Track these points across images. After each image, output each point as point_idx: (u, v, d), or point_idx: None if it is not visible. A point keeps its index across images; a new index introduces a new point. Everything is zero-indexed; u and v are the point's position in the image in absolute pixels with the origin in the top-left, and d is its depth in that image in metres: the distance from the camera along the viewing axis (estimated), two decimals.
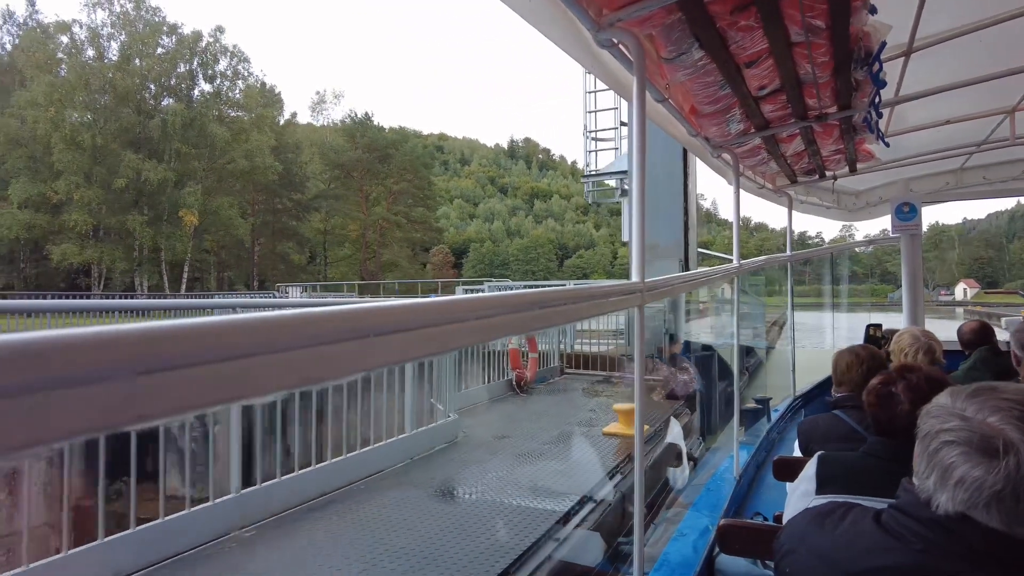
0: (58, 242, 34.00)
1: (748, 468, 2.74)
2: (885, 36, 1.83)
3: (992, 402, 0.86)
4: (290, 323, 0.42)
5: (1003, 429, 0.83)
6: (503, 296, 0.70)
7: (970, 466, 0.83)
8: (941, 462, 0.88)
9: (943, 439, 0.88)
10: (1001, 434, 0.82)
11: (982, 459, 0.83)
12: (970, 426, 0.86)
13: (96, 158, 34.64)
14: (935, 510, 0.87)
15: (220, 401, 0.37)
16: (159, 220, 36.79)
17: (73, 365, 0.30)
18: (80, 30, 37.46)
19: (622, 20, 1.31)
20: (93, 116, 35.61)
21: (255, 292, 33.29)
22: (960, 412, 0.88)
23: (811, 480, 1.68)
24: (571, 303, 0.92)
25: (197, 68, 40.61)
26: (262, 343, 0.40)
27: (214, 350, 0.37)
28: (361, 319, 0.47)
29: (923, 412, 0.95)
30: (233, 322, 0.38)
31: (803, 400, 4.04)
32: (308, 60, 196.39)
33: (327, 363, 0.44)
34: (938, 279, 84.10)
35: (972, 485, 0.83)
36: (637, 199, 1.34)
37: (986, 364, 3.16)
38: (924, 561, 0.86)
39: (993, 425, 0.84)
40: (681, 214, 9.87)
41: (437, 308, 0.57)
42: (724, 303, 10.49)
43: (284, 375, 0.41)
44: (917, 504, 0.90)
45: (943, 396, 0.94)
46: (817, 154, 3.05)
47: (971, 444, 0.84)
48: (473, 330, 0.61)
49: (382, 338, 0.49)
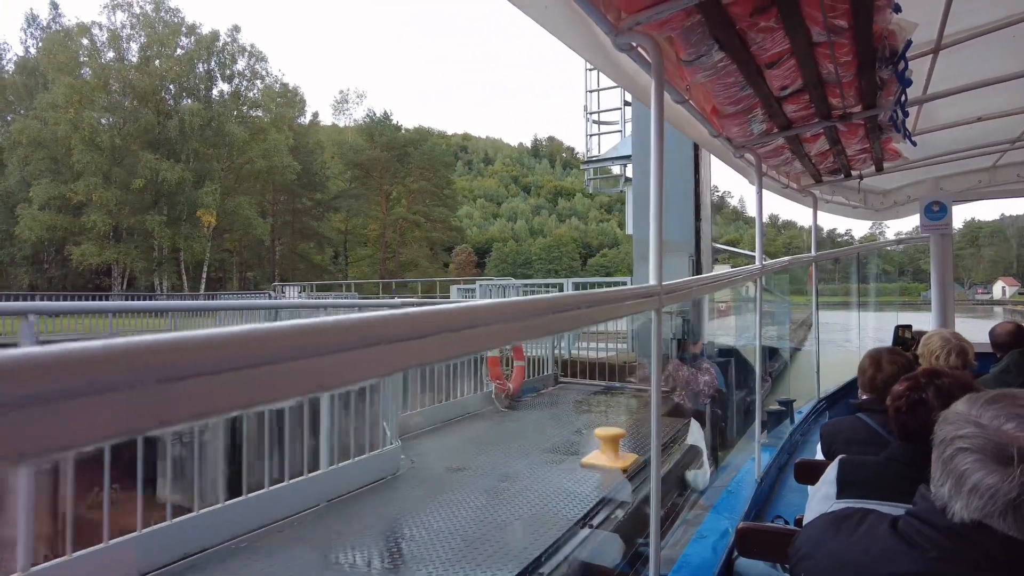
0: (78, 243, 34.44)
1: (770, 470, 2.71)
2: (911, 34, 1.80)
3: (1009, 409, 0.85)
4: (305, 332, 0.43)
5: (1018, 436, 0.82)
6: (516, 302, 0.72)
7: (984, 473, 0.83)
8: (955, 469, 0.87)
9: (958, 446, 0.87)
10: (1016, 441, 0.81)
11: (996, 467, 0.82)
12: (985, 433, 0.85)
13: (115, 159, 34.93)
14: (951, 518, 0.86)
15: (237, 407, 0.39)
16: (178, 220, 37.04)
17: (99, 374, 0.32)
18: (100, 32, 37.94)
19: (641, 23, 1.31)
20: (112, 117, 35.91)
21: (252, 292, 32.81)
22: (976, 419, 0.87)
23: (832, 484, 1.66)
24: (586, 307, 0.92)
25: (215, 68, 40.88)
26: (277, 352, 0.41)
27: (231, 359, 0.39)
28: (375, 327, 0.49)
29: (940, 418, 0.94)
30: (249, 332, 0.40)
31: (827, 402, 3.98)
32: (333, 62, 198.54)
33: (342, 370, 0.46)
34: (975, 277, 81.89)
35: (986, 493, 0.82)
36: (655, 200, 1.34)
37: (1019, 367, 3.09)
38: (939, 569, 0.86)
39: (1009, 433, 0.83)
40: (692, 207, 8.99)
41: (450, 315, 0.58)
42: (747, 302, 10.12)
43: (299, 382, 0.43)
44: (933, 511, 0.89)
45: (961, 402, 0.93)
46: (842, 153, 3.00)
47: (985, 451, 0.84)
48: (488, 336, 0.62)
49: (396, 344, 0.50)
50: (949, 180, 4.49)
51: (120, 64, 37.60)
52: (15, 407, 0.28)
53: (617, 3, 1.28)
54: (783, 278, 12.06)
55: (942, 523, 0.87)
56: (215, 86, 41.26)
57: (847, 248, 20.25)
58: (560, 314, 0.83)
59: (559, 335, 9.30)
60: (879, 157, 3.26)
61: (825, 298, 27.83)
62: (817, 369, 4.11)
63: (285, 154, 41.16)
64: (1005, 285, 72.67)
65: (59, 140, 33.80)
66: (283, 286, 22.32)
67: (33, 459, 0.29)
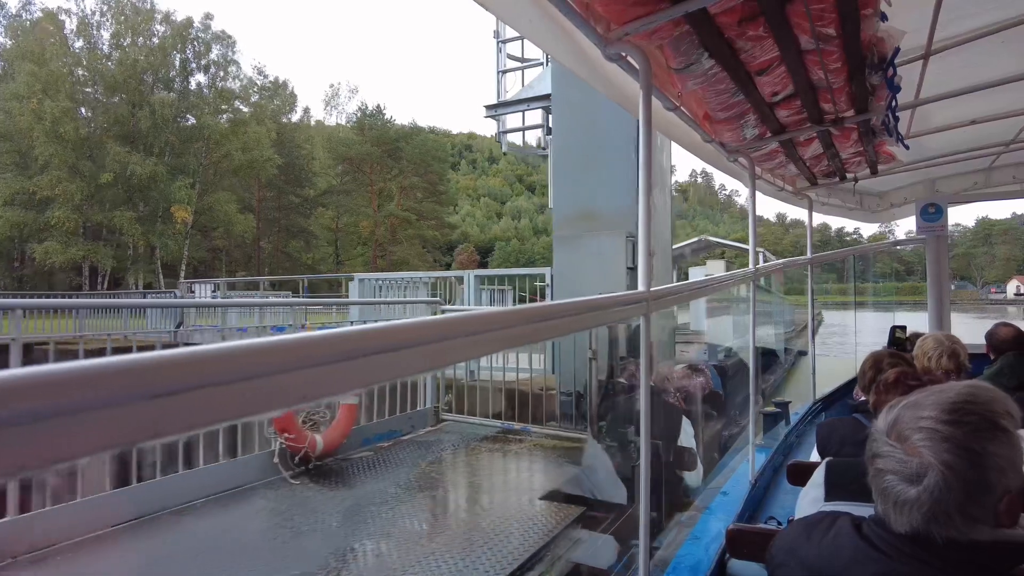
0: (43, 240, 32.96)
1: (765, 472, 2.74)
2: (899, 42, 1.83)
3: (912, 422, 0.90)
4: (290, 347, 0.46)
5: (920, 451, 0.87)
6: (499, 312, 0.74)
7: (902, 489, 0.88)
8: (879, 487, 0.92)
9: (877, 465, 0.93)
10: (918, 456, 0.87)
11: (909, 485, 0.87)
12: (895, 452, 0.90)
13: (82, 152, 33.48)
14: (894, 528, 0.91)
15: (226, 418, 0.42)
16: (152, 217, 35.56)
17: (96, 390, 0.35)
18: (69, 19, 36.60)
19: (629, 34, 1.34)
20: (80, 108, 34.41)
21: (157, 292, 30.63)
22: (886, 434, 0.93)
23: (820, 487, 1.69)
24: (572, 315, 0.95)
25: (191, 57, 39.45)
26: (266, 365, 0.44)
27: (221, 374, 0.41)
28: (357, 340, 0.51)
29: (869, 434, 0.98)
30: (240, 347, 0.43)
31: (823, 404, 4.01)
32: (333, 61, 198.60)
33: (325, 382, 0.49)
34: (987, 276, 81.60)
35: (908, 507, 0.87)
36: (643, 205, 1.37)
37: (1012, 370, 3.10)
38: (900, 571, 0.89)
39: (914, 447, 0.88)
40: (632, 172, 6.41)
41: (430, 327, 0.61)
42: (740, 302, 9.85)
43: (285, 394, 0.46)
44: (924, 535, 0.92)
45: (881, 415, 0.97)
46: (836, 157, 3.03)
47: (897, 471, 0.89)
48: (467, 346, 0.64)
49: (378, 357, 0.53)
50: (944, 182, 4.51)
51: (91, 52, 36.23)
52: (20, 422, 0.31)
53: (605, 15, 1.30)
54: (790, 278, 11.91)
55: (899, 529, 0.91)
56: (192, 76, 39.84)
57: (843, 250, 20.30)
58: (546, 323, 0.86)
59: None
60: (873, 160, 3.28)
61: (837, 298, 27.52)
62: (813, 371, 4.14)
63: (266, 147, 39.69)
64: (1020, 284, 72.19)
65: (22, 132, 32.29)
66: (192, 283, 20.05)
67: (33, 471, 0.32)
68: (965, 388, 0.93)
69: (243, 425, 4.64)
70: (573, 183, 7.16)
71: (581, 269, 6.64)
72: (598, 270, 6.45)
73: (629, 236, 6.47)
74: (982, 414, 0.88)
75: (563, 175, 7.34)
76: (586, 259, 6.63)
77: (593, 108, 6.60)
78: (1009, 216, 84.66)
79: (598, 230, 6.66)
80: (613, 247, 6.50)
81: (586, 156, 6.98)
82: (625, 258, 6.42)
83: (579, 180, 7.05)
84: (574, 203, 7.06)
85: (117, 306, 15.08)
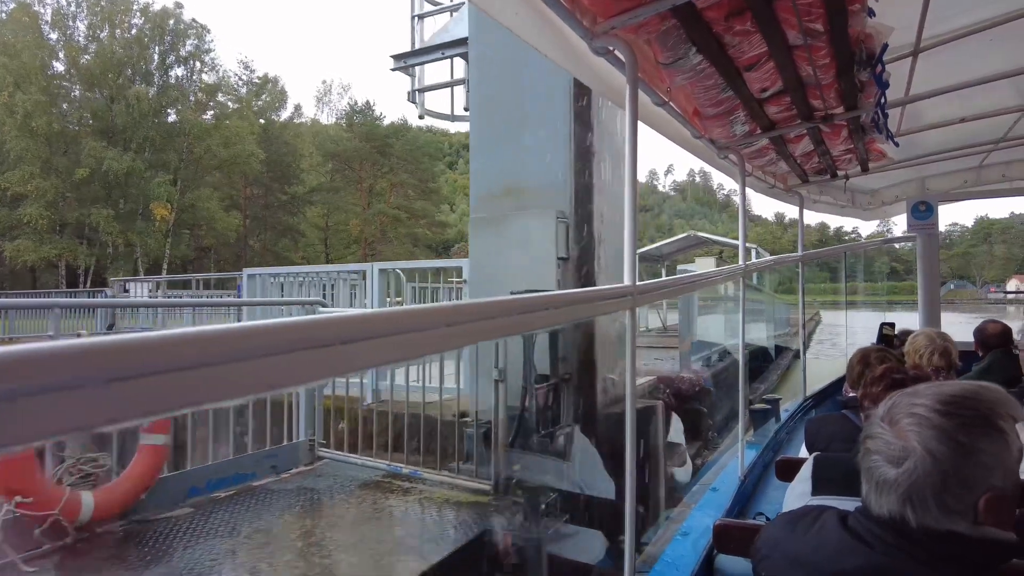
0: (15, 237, 31.97)
1: (754, 468, 2.75)
2: (887, 38, 1.83)
3: (908, 408, 0.91)
4: (255, 333, 0.45)
5: (907, 434, 0.88)
6: (477, 303, 0.74)
7: (884, 470, 0.90)
8: (866, 466, 0.94)
9: (867, 446, 0.95)
10: (905, 439, 0.88)
11: (891, 466, 0.89)
12: (885, 433, 0.92)
13: (56, 146, 32.45)
14: (875, 511, 0.92)
15: (186, 405, 0.41)
16: (132, 214, 34.42)
17: (52, 374, 0.34)
18: (43, 9, 35.22)
19: (616, 28, 1.34)
20: (51, 100, 33.11)
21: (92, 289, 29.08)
22: (882, 418, 0.94)
23: (807, 482, 1.70)
24: (555, 308, 0.94)
25: (168, 48, 38.21)
26: (227, 352, 0.43)
27: (182, 359, 0.41)
28: (326, 328, 0.51)
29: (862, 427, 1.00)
30: (199, 333, 0.42)
31: (814, 400, 4.02)
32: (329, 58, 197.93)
33: (293, 370, 0.48)
34: (987, 276, 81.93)
35: (887, 488, 0.89)
36: (629, 200, 1.37)
37: (1001, 367, 3.13)
38: (884, 563, 0.89)
39: (902, 430, 0.89)
40: (567, 137, 5.17)
41: (405, 316, 0.61)
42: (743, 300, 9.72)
43: (250, 382, 0.45)
44: (897, 520, 0.92)
45: (880, 405, 0.98)
46: (827, 154, 3.04)
47: (882, 451, 0.91)
48: (443, 337, 0.64)
49: (348, 346, 0.53)
50: (935, 180, 4.53)
51: (67, 44, 35.09)
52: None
53: (592, 8, 1.30)
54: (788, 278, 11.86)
55: (881, 519, 0.91)
56: (172, 70, 38.61)
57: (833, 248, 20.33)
58: (528, 315, 0.85)
59: None
60: (864, 157, 3.29)
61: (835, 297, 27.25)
62: (804, 367, 4.15)
63: (249, 142, 38.55)
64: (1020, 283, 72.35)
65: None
66: (127, 282, 18.63)
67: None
68: (970, 385, 0.94)
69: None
70: (494, 151, 5.57)
71: (502, 259, 5.22)
72: (523, 260, 5.10)
73: (561, 217, 5.00)
74: (978, 410, 0.88)
75: (483, 141, 5.71)
76: (508, 247, 5.20)
77: (519, 59, 5.10)
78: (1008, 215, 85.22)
79: (525, 209, 5.23)
80: (541, 231, 5.03)
81: (511, 117, 5.39)
82: (556, 244, 4.97)
83: (502, 147, 5.47)
84: (496, 176, 5.49)
85: None
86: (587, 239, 5.25)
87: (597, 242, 5.30)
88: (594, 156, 5.28)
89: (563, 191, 5.15)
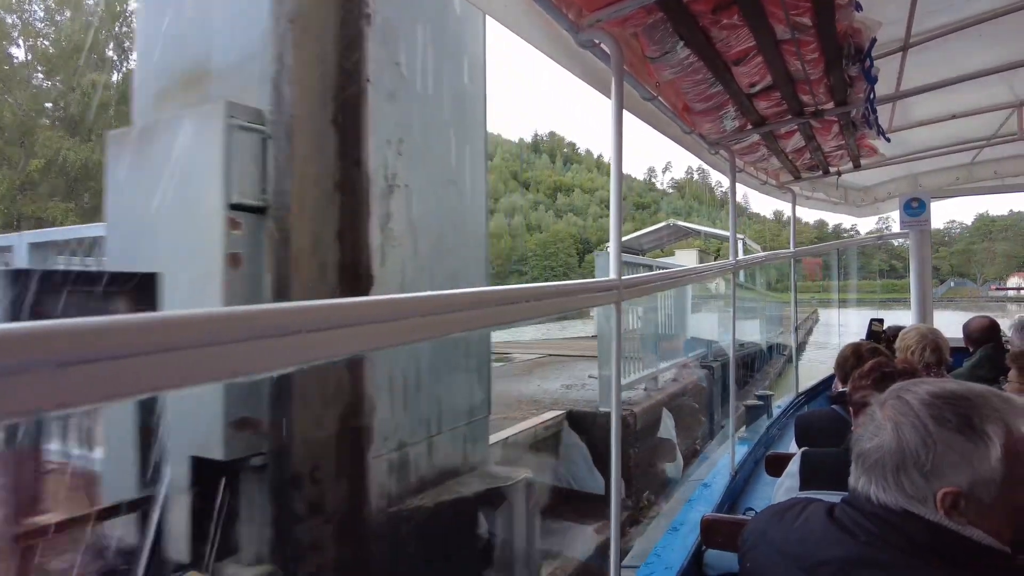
0: None
1: (745, 464, 2.75)
2: (876, 32, 1.83)
3: (900, 392, 0.94)
4: (215, 319, 0.45)
5: (889, 413, 0.92)
6: (453, 294, 0.73)
7: (863, 444, 0.94)
8: (854, 441, 0.98)
9: (859, 421, 0.96)
10: (884, 418, 0.92)
11: (867, 441, 0.93)
12: (874, 411, 0.95)
13: (10, 136, 30.48)
14: (857, 488, 0.94)
15: (142, 391, 0.40)
16: (98, 210, 32.63)
17: None
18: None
19: (601, 21, 1.33)
20: (4, 86, 31.26)
21: None
22: (880, 401, 0.97)
23: (795, 476, 1.70)
24: (535, 300, 0.93)
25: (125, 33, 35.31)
26: (185, 338, 0.43)
27: (136, 344, 0.40)
28: (294, 316, 0.50)
29: None
30: (154, 319, 0.41)
31: (806, 397, 4.03)
32: None
33: (257, 357, 0.47)
34: (987, 273, 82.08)
35: (860, 459, 0.93)
36: (615, 197, 1.36)
37: (991, 362, 3.13)
38: (867, 553, 0.89)
39: (887, 412, 0.93)
40: None
41: (378, 305, 0.60)
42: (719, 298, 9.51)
43: (211, 368, 0.44)
44: (862, 498, 0.93)
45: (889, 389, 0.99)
46: (819, 150, 3.04)
47: (866, 427, 0.95)
48: (415, 328, 0.63)
49: (314, 335, 0.52)
50: (927, 177, 4.54)
51: (24, 29, 33.41)
52: None
53: (577, 2, 1.29)
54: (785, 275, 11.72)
55: (868, 508, 0.91)
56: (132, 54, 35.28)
57: (825, 244, 20.21)
58: (506, 307, 0.85)
59: None
60: (856, 154, 3.30)
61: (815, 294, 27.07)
62: (796, 364, 4.16)
63: None
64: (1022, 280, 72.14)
65: None
66: None
67: None
68: (971, 388, 0.94)
69: None
70: None
71: (147, 215, 2.90)
72: (174, 216, 2.84)
73: (232, 117, 2.67)
74: (960, 410, 0.88)
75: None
76: (153, 185, 2.90)
77: None
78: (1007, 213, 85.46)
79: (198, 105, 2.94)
80: (201, 148, 2.73)
81: None
82: (227, 177, 2.66)
83: None
84: (173, 54, 3.23)
85: None
86: (331, 171, 2.83)
87: (365, 190, 2.92)
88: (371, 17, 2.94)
89: (253, 72, 2.85)
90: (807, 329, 19.62)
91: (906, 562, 0.85)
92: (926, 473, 0.86)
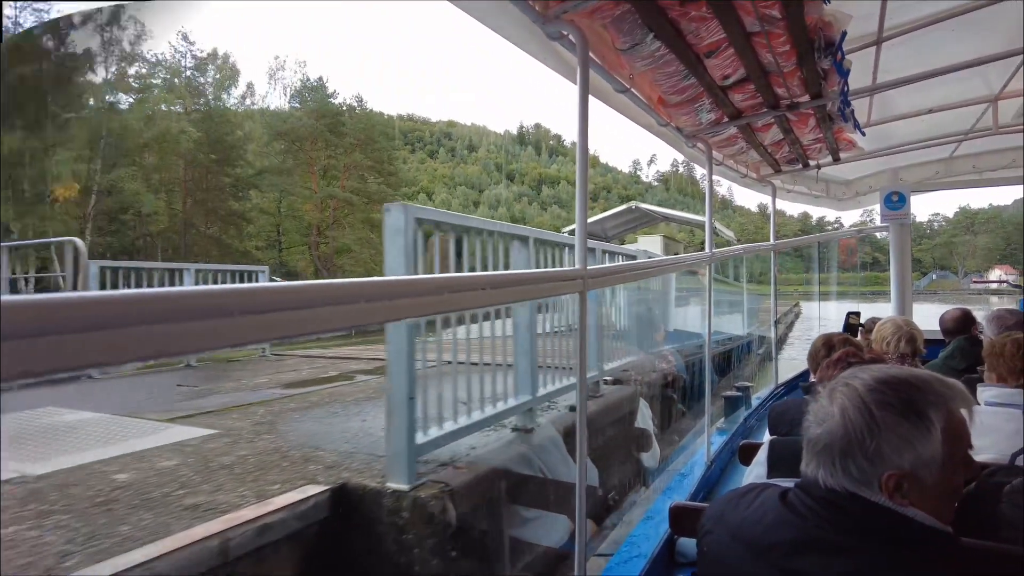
0: None
1: (722, 454, 2.79)
2: (846, 25, 1.85)
3: (848, 379, 0.97)
4: (152, 299, 0.46)
5: (836, 399, 0.95)
6: (411, 280, 0.74)
7: (812, 431, 0.97)
8: (803, 427, 1.01)
9: (808, 408, 1.02)
10: (832, 405, 0.95)
11: (816, 427, 0.96)
12: (823, 398, 0.98)
13: None
14: (807, 473, 0.97)
15: (83, 365, 0.41)
16: (38, 200, 29.33)
17: None
18: None
19: (568, 12, 1.34)
20: None
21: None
22: (829, 388, 0.99)
23: (763, 465, 1.73)
24: (492, 288, 0.94)
25: None
26: (123, 315, 0.44)
27: (74, 320, 0.41)
28: (227, 297, 0.51)
29: None
30: (91, 297, 0.42)
31: (785, 388, 4.08)
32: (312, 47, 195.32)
33: (191, 337, 0.48)
34: (969, 266, 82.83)
35: (810, 445, 0.96)
36: (580, 181, 1.37)
37: (963, 352, 3.18)
38: (816, 535, 0.91)
39: (835, 397, 0.95)
40: None
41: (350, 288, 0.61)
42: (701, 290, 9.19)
43: (146, 346, 0.45)
44: (812, 482, 0.95)
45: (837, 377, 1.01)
46: (797, 143, 3.06)
47: (815, 413, 0.98)
48: (361, 312, 0.64)
49: (276, 315, 0.53)
50: (907, 171, 4.59)
51: None
52: None
53: None
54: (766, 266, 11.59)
55: (818, 493, 0.93)
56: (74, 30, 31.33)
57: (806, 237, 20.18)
58: (459, 294, 0.85)
59: None
60: (834, 147, 3.32)
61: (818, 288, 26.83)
62: (775, 356, 4.21)
63: (179, 119, 34.57)
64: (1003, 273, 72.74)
65: None
66: None
67: None
68: (914, 373, 0.98)
69: None
70: None
71: None
72: None
73: None
74: (903, 394, 0.92)
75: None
76: None
77: None
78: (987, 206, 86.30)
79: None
80: None
81: None
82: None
83: None
84: None
85: None
86: None
87: None
88: None
89: None
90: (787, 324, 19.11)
91: (853, 544, 0.88)
92: (871, 457, 0.89)
